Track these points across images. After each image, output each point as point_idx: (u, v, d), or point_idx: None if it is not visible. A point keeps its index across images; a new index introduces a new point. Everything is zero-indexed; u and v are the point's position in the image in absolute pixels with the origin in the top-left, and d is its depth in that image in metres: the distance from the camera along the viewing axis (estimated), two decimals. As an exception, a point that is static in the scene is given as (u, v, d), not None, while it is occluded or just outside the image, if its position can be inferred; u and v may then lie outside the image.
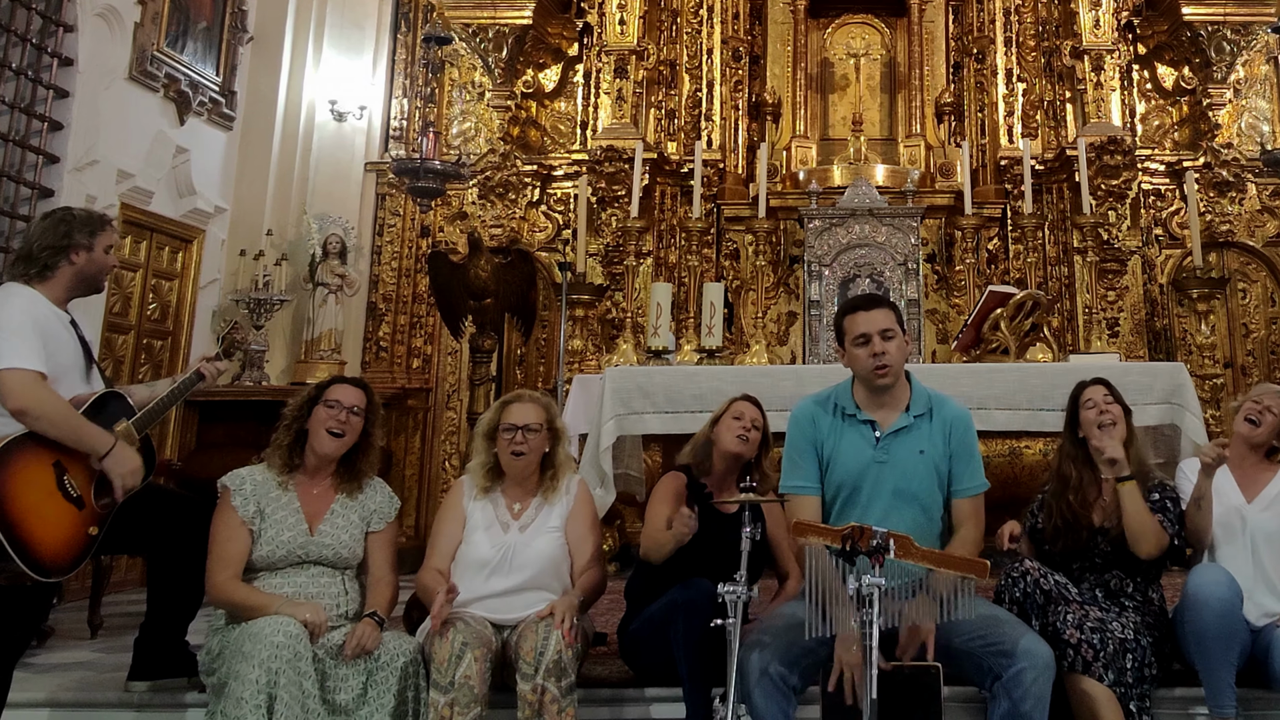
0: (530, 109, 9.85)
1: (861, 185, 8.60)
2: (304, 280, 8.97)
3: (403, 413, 9.28)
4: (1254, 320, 9.51)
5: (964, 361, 7.40)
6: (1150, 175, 9.43)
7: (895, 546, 3.40)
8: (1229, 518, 4.48)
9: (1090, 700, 3.98)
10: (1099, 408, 4.45)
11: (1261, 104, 9.73)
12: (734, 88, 9.53)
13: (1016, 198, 8.92)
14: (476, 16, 9.17)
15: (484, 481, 4.44)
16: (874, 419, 4.11)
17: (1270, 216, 9.46)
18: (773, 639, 3.85)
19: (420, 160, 8.49)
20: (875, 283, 8.39)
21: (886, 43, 9.92)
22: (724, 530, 4.25)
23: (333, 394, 4.33)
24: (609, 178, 8.79)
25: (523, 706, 3.92)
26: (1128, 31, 9.70)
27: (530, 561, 4.31)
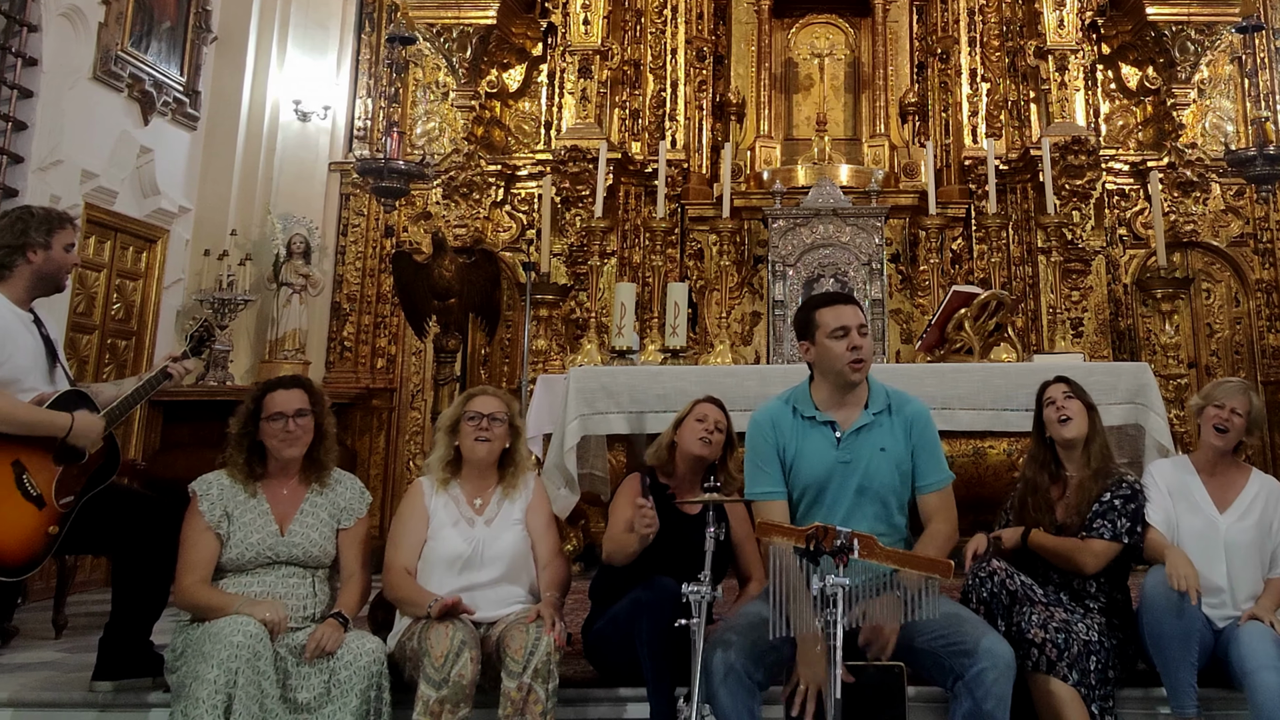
0: (494, 109, 10.22)
1: (825, 185, 9.01)
2: (268, 280, 9.37)
3: (367, 412, 9.68)
4: (1218, 320, 9.94)
5: (928, 361, 7.61)
6: (1114, 175, 9.84)
7: (859, 546, 3.54)
8: (1204, 529, 4.63)
9: (1054, 700, 4.16)
10: (1057, 404, 4.67)
11: (1225, 104, 10.19)
12: (698, 88, 9.92)
13: (981, 198, 9.32)
14: (440, 16, 9.55)
15: (443, 474, 4.63)
16: (834, 419, 4.28)
17: (1234, 216, 9.92)
18: (737, 637, 4.00)
19: (384, 160, 8.85)
20: (839, 283, 8.77)
21: (851, 42, 10.32)
22: (688, 531, 4.46)
23: (273, 406, 4.45)
24: (573, 178, 9.17)
25: (504, 704, 4.09)
26: (1092, 31, 10.12)
27: (500, 555, 4.51)
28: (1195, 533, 4.59)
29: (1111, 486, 4.62)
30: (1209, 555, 4.55)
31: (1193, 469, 4.82)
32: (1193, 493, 4.70)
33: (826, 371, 4.25)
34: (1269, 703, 4.11)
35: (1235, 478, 4.77)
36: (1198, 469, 4.79)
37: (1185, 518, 4.67)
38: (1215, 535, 4.59)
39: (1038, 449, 4.77)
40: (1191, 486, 4.71)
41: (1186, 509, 4.68)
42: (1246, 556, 4.61)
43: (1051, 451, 4.74)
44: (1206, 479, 4.74)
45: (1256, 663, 4.21)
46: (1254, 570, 4.61)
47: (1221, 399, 4.72)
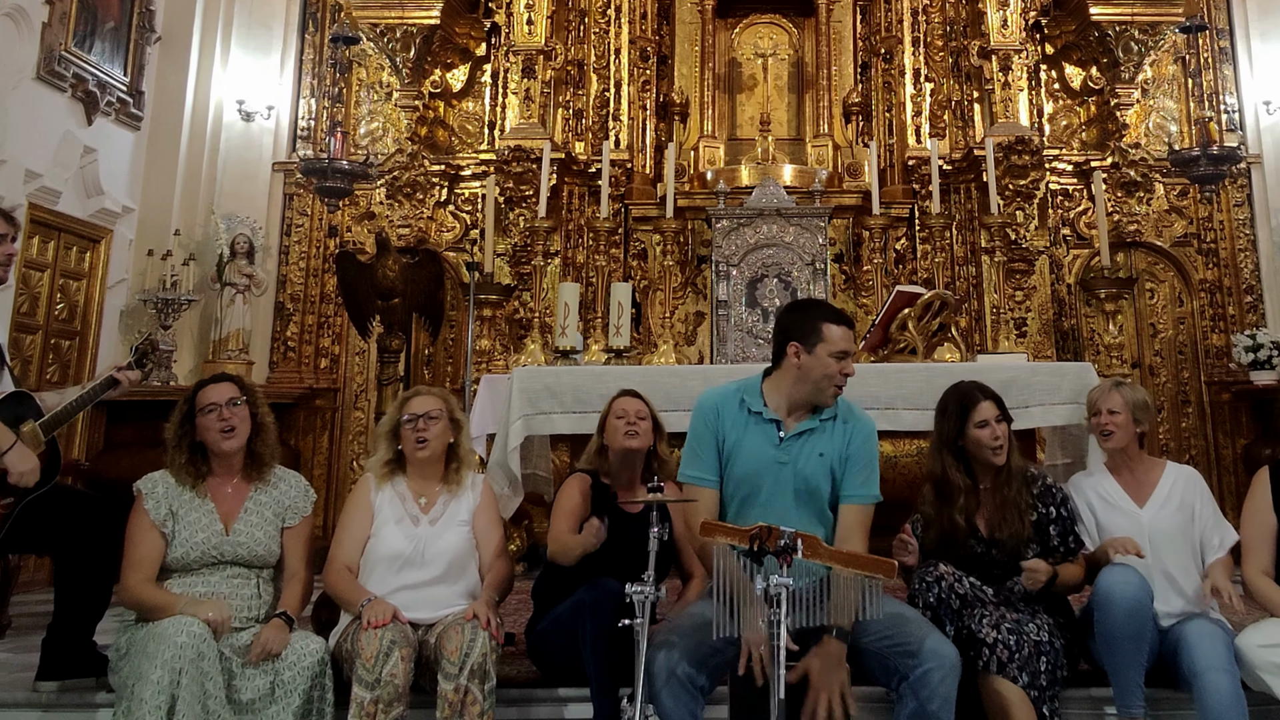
0: (438, 109, 10.93)
1: (769, 185, 9.69)
2: (211, 280, 10.03)
3: (310, 412, 10.37)
4: (1161, 320, 10.71)
5: (871, 362, 7.70)
6: (1058, 175, 10.58)
7: (803, 546, 3.71)
8: (1128, 527, 4.88)
9: (1003, 701, 4.36)
10: (993, 430, 4.79)
11: (1169, 104, 10.99)
12: (642, 88, 10.61)
13: (924, 198, 9.98)
14: (384, 16, 10.24)
15: (384, 471, 4.89)
16: (780, 419, 4.46)
17: (1178, 216, 10.71)
18: (680, 639, 4.15)
19: (328, 160, 9.45)
20: (783, 283, 9.43)
21: (794, 43, 11.08)
22: (630, 530, 4.69)
23: (205, 399, 4.73)
24: (516, 178, 9.80)
25: (442, 706, 4.30)
26: (1035, 31, 10.90)
27: (441, 555, 4.76)
28: (1120, 531, 4.85)
29: (1045, 498, 4.88)
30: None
31: (1106, 472, 5.15)
32: (1111, 495, 5.03)
33: (805, 381, 4.42)
34: (1219, 705, 4.35)
35: (1149, 472, 5.10)
36: (1111, 471, 5.13)
37: (1107, 519, 4.98)
38: (1140, 529, 4.85)
39: (953, 458, 4.88)
40: (1109, 489, 5.04)
41: (1106, 510, 5.01)
42: (1174, 545, 4.90)
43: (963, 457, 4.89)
44: (1121, 478, 5.07)
45: (1206, 664, 4.45)
46: (1185, 559, 4.90)
47: (1097, 404, 5.12)
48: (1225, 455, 10.42)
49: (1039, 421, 6.87)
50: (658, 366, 8.15)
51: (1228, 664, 4.47)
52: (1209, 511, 5.04)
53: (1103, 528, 4.97)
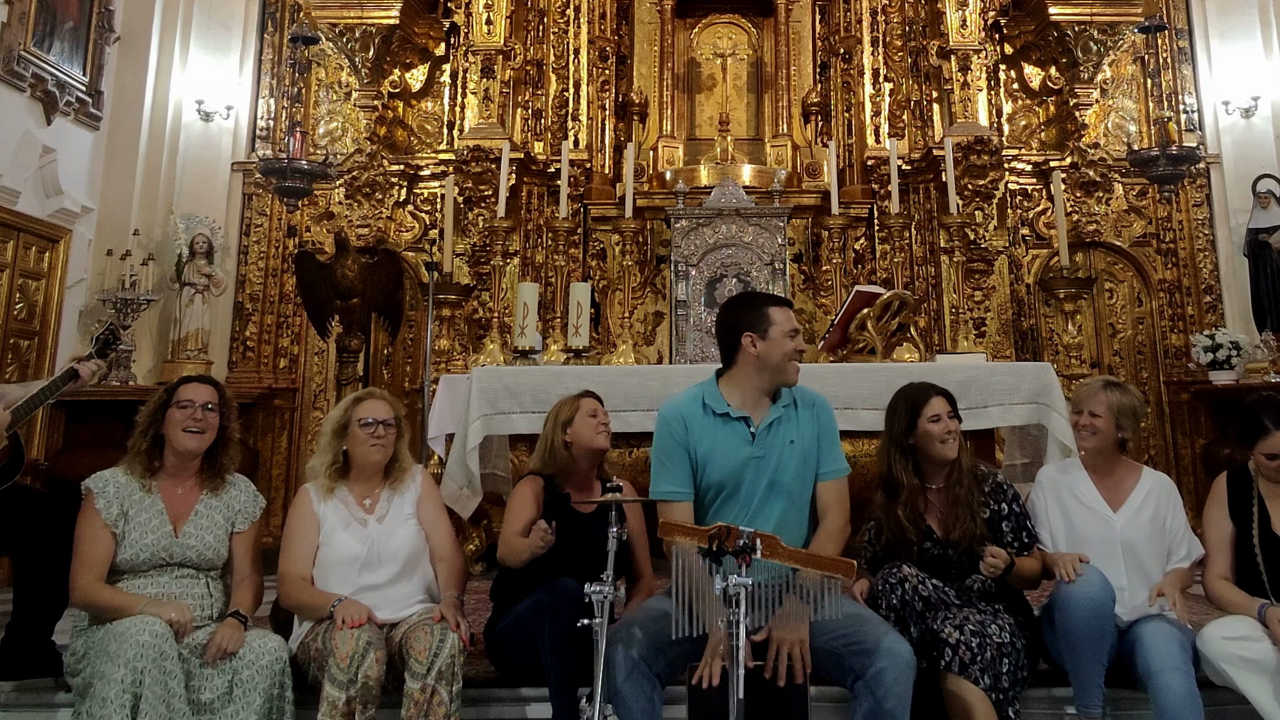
0: (397, 109, 11.47)
1: (728, 185, 10.17)
2: (171, 280, 10.49)
3: (269, 413, 10.85)
4: (1120, 320, 11.31)
5: (831, 362, 8.26)
6: (1017, 175, 11.14)
7: (762, 546, 3.84)
8: (1100, 530, 5.12)
9: (964, 703, 4.57)
10: (944, 424, 5.05)
11: (1128, 104, 11.59)
12: (601, 88, 11.17)
13: (883, 198, 10.50)
14: (343, 16, 10.78)
15: (329, 482, 5.07)
16: (748, 416, 4.72)
17: (1137, 216, 11.29)
18: (640, 631, 4.41)
19: (287, 160, 9.86)
20: (742, 283, 9.87)
21: (753, 43, 11.65)
22: (585, 530, 4.97)
23: (184, 394, 4.93)
24: (476, 177, 10.33)
25: (407, 705, 4.48)
26: (994, 31, 11.48)
27: (396, 552, 4.99)
28: (1092, 534, 5.10)
29: (997, 495, 5.13)
30: (1108, 555, 5.03)
31: (1082, 470, 5.36)
32: (1084, 494, 5.24)
33: (766, 368, 4.70)
34: (1173, 704, 4.53)
35: (1126, 476, 5.30)
36: (1087, 468, 5.33)
37: (1081, 520, 5.19)
38: (1112, 535, 5.09)
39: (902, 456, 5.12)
40: (1082, 488, 5.26)
41: (1080, 510, 5.21)
42: (1144, 554, 5.09)
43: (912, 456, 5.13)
44: (1097, 479, 5.27)
45: (1161, 663, 4.62)
46: (1153, 567, 5.09)
47: (1081, 403, 5.32)
48: (1184, 455, 10.93)
49: (998, 421, 7.22)
50: (617, 366, 8.52)
51: (1183, 663, 4.64)
52: (1179, 524, 5.22)
53: (1074, 528, 5.19)
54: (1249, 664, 4.70)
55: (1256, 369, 10.31)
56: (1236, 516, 5.18)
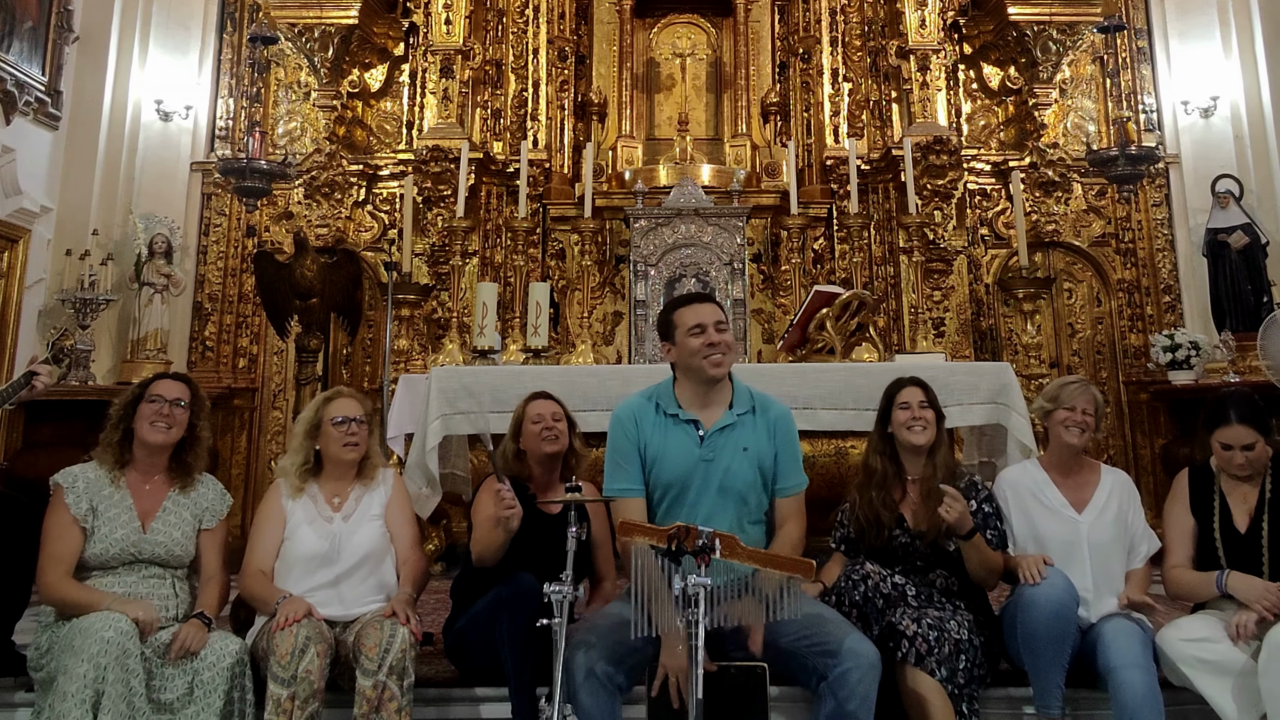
0: (356, 109, 11.98)
1: (687, 185, 10.64)
2: (130, 280, 10.98)
3: (229, 412, 11.30)
4: (1079, 320, 11.83)
5: (790, 361, 8.63)
6: (976, 175, 11.66)
7: (721, 546, 4.01)
8: (1066, 533, 5.33)
9: (921, 693, 4.76)
10: (913, 411, 5.31)
11: (1087, 104, 12.14)
12: (560, 87, 11.69)
13: (842, 197, 10.98)
14: (302, 16, 11.25)
15: (299, 481, 5.30)
16: (697, 418, 4.91)
17: (1096, 216, 11.83)
18: (599, 638, 4.55)
19: (246, 160, 10.34)
20: (701, 282, 10.31)
21: (712, 42, 12.21)
22: (549, 531, 5.02)
23: (155, 389, 5.14)
24: (435, 177, 10.75)
25: (360, 703, 4.65)
26: (953, 31, 12.02)
27: (358, 550, 5.18)
28: (1058, 537, 5.30)
29: (970, 492, 5.30)
30: (1073, 557, 5.24)
31: (1044, 471, 5.58)
32: (1048, 497, 5.45)
33: (687, 370, 4.92)
34: (1133, 701, 4.72)
35: (1088, 476, 5.51)
36: (1049, 470, 5.56)
37: (1046, 523, 5.39)
38: (1078, 537, 5.30)
39: (881, 442, 5.44)
40: (1045, 490, 5.47)
41: (1044, 514, 5.41)
42: (1109, 554, 5.31)
43: (893, 449, 5.41)
44: (1060, 480, 5.49)
45: (1121, 660, 4.83)
46: (1117, 566, 5.31)
47: (1071, 400, 5.45)
48: (1143, 455, 11.45)
49: (957, 421, 7.32)
50: (575, 366, 8.85)
51: (1142, 660, 4.83)
52: (1139, 520, 5.43)
53: (1039, 532, 5.37)
54: (1208, 665, 4.90)
55: (1215, 369, 10.78)
56: (1198, 512, 5.38)
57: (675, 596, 4.02)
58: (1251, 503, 5.28)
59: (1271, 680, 4.69)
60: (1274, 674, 4.69)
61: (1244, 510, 5.28)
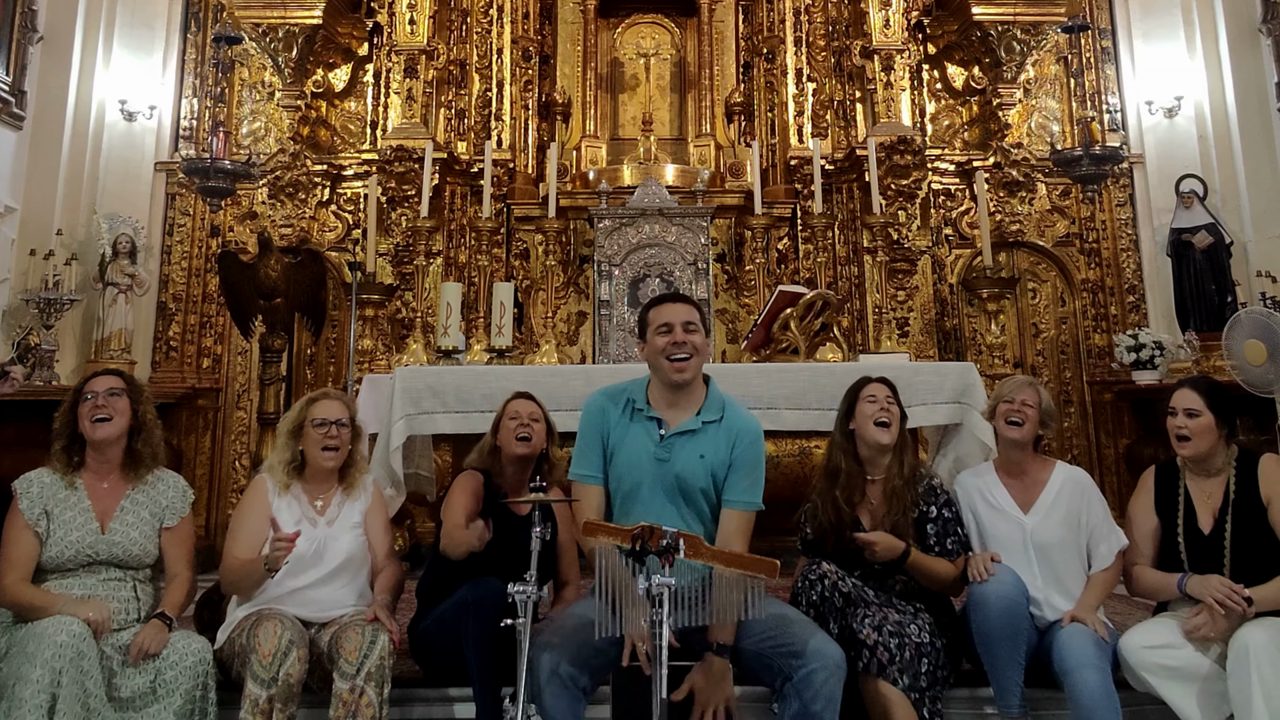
0: (320, 109, 12.38)
1: (651, 185, 10.99)
2: (94, 280, 11.32)
3: (193, 412, 11.68)
4: (1044, 320, 12.27)
5: (754, 361, 8.90)
6: (940, 175, 12.08)
7: (685, 546, 4.10)
8: (1010, 532, 5.52)
9: (884, 703, 4.91)
10: (880, 404, 5.49)
11: (1051, 104, 12.59)
12: (524, 87, 12.13)
13: (806, 197, 11.41)
14: (266, 16, 11.65)
15: (286, 479, 5.47)
16: (662, 417, 5.07)
17: (1060, 216, 12.27)
18: (563, 640, 4.68)
19: (210, 160, 10.46)
20: (665, 282, 10.62)
21: (676, 42, 12.65)
22: (517, 531, 5.14)
23: (88, 387, 5.32)
24: (399, 177, 11.12)
25: (336, 705, 4.83)
26: (918, 31, 12.45)
27: (338, 555, 5.38)
28: (1003, 537, 5.51)
29: (929, 497, 5.52)
30: (1020, 558, 5.42)
31: (994, 472, 5.79)
32: (996, 498, 5.64)
33: (655, 370, 5.10)
34: (1089, 700, 4.90)
35: (1038, 475, 5.70)
36: (999, 471, 5.76)
37: (991, 523, 5.60)
38: (1023, 537, 5.49)
39: (844, 440, 5.60)
40: (994, 491, 5.67)
41: (991, 514, 5.61)
42: (1058, 555, 5.48)
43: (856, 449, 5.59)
44: (1008, 480, 5.69)
45: (1076, 661, 5.00)
46: (1069, 567, 5.49)
47: (1010, 394, 5.68)
48: (1107, 455, 11.88)
49: (921, 421, 7.68)
50: (540, 366, 9.16)
51: (1097, 660, 5.01)
52: (1099, 518, 5.61)
53: (986, 531, 5.58)
54: (1171, 672, 5.11)
55: (1179, 369, 11.02)
56: (1162, 511, 5.56)
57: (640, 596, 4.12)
58: (1216, 502, 5.46)
59: (1239, 682, 4.88)
60: (1241, 676, 4.87)
61: (1208, 510, 5.47)
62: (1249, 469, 5.47)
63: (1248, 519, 5.37)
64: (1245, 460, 5.50)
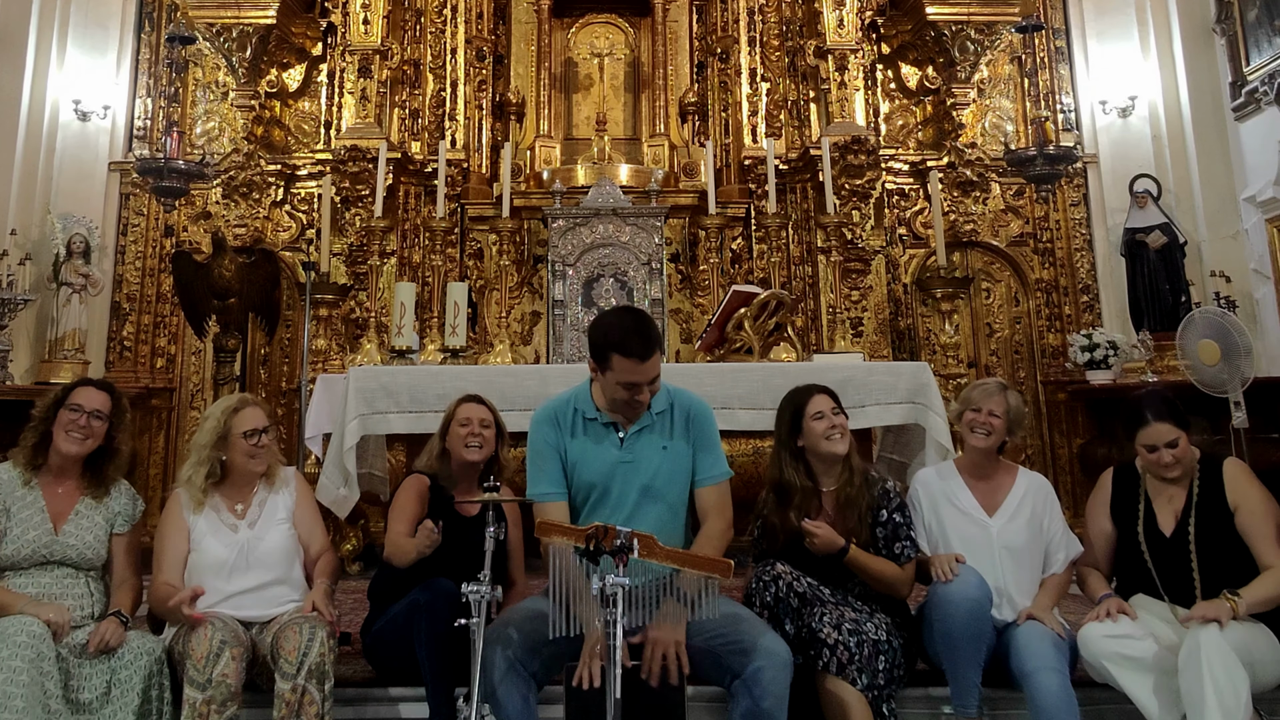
0: (274, 109, 12.91)
1: (605, 185, 11.50)
2: (48, 280, 11.78)
3: (147, 412, 12.12)
4: (998, 320, 12.81)
5: (708, 361, 9.12)
6: (894, 175, 12.62)
7: (639, 546, 4.20)
8: (976, 535, 5.68)
9: (841, 703, 5.02)
10: (829, 420, 5.57)
11: (1005, 104, 13.18)
12: (478, 87, 12.64)
13: (760, 197, 11.89)
14: (220, 16, 12.15)
15: (200, 496, 5.56)
16: (615, 421, 5.21)
17: (1014, 216, 12.84)
18: (516, 631, 4.84)
19: (164, 160, 11.12)
20: (620, 282, 11.14)
21: (630, 42, 13.23)
22: (467, 532, 5.37)
23: (76, 397, 5.45)
24: (353, 177, 11.56)
25: (279, 705, 4.94)
26: (872, 31, 13.00)
27: (267, 555, 5.52)
28: (968, 539, 5.65)
29: (882, 500, 5.63)
30: (984, 560, 5.55)
31: (958, 474, 5.94)
32: (961, 500, 5.80)
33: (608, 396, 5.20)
34: (1048, 703, 5.04)
35: (1002, 479, 5.87)
36: (963, 473, 5.92)
37: (956, 525, 5.75)
38: (988, 540, 5.66)
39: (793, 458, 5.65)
40: (958, 493, 5.83)
41: (957, 516, 5.77)
42: (1022, 558, 5.66)
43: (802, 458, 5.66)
44: (973, 483, 5.85)
45: (1035, 664, 5.14)
46: (1031, 571, 5.67)
47: (978, 402, 5.81)
48: (1061, 455, 12.41)
49: (875, 421, 7.97)
50: (494, 366, 9.29)
51: (1057, 663, 5.16)
52: (1057, 526, 5.80)
53: (952, 535, 5.73)
54: (1130, 661, 5.18)
55: (1134, 368, 11.68)
56: (1122, 514, 5.72)
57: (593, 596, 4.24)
58: (1178, 505, 5.59)
59: (1189, 680, 4.95)
60: (1192, 673, 4.95)
61: (1169, 512, 5.59)
62: (1212, 473, 5.61)
63: (1211, 521, 5.51)
64: (1208, 464, 5.64)
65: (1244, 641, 5.07)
